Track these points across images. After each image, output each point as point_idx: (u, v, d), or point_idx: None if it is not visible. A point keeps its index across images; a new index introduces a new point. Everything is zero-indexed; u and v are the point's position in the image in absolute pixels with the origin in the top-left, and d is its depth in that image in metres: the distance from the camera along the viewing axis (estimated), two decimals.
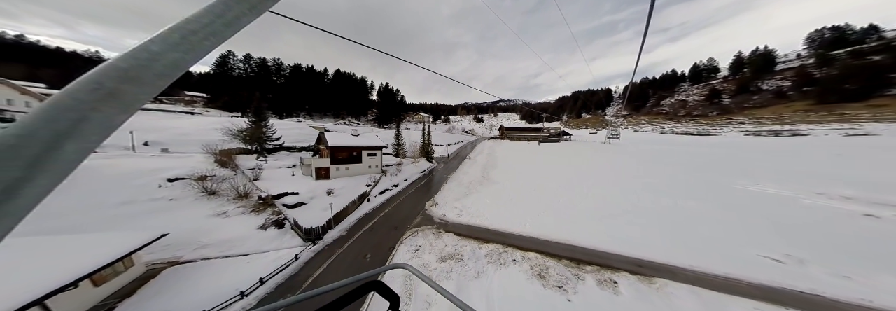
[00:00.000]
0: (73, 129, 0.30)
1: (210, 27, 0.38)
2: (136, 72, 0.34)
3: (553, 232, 16.72)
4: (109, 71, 0.33)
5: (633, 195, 23.34)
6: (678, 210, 19.76)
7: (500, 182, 29.98)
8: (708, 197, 22.33)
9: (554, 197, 23.78)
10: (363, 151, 28.46)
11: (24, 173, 0.28)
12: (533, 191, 26.06)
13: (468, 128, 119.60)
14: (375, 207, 22.11)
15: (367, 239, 15.90)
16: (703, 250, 14.01)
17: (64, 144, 0.29)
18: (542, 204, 22.11)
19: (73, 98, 0.31)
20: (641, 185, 26.18)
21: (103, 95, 0.32)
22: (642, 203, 21.34)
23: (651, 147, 56.14)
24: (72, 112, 0.30)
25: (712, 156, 41.86)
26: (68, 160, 0.30)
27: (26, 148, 0.28)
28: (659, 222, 17.82)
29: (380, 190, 25.48)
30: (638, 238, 15.53)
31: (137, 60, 0.34)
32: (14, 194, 0.27)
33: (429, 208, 22.52)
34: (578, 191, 25.30)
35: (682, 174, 30.24)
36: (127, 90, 0.33)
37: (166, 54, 0.35)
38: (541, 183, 28.77)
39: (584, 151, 51.83)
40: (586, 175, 31.27)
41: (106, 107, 0.32)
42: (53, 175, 0.30)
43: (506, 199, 24.06)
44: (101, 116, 0.31)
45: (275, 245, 12.83)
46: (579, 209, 20.57)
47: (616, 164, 37.70)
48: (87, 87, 0.32)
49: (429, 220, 19.85)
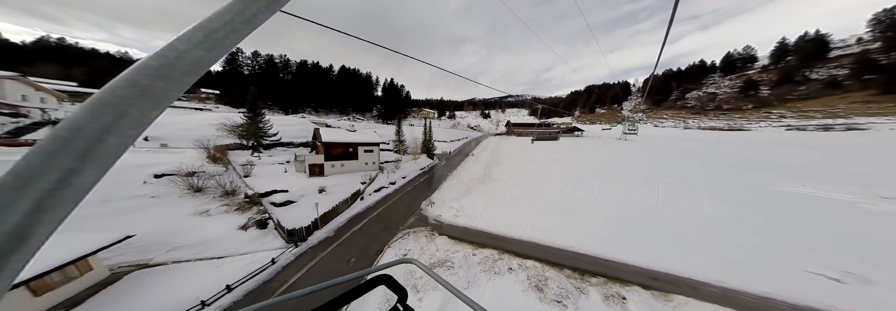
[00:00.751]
0: (114, 123, 0.33)
1: (230, 25, 0.40)
2: (165, 70, 0.36)
3: (556, 237, 15.40)
4: (143, 69, 0.36)
5: (651, 197, 21.37)
6: (706, 215, 17.72)
7: (502, 180, 28.64)
8: (744, 200, 19.88)
9: (560, 197, 22.28)
10: (359, 147, 27.69)
11: (75, 165, 0.31)
12: (537, 190, 24.61)
13: (474, 124, 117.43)
14: (369, 206, 21.34)
15: (355, 241, 15.10)
16: (734, 262, 12.27)
17: (107, 138, 0.32)
18: (547, 205, 20.70)
19: (113, 95, 0.34)
20: (663, 185, 24.04)
21: (138, 92, 0.35)
22: (663, 206, 19.43)
23: (674, 143, 52.39)
24: (113, 108, 0.33)
25: (748, 153, 38.08)
26: (111, 153, 0.33)
27: (77, 141, 0.31)
28: (682, 228, 16.02)
29: (375, 188, 24.71)
30: (655, 246, 13.97)
31: (166, 59, 0.37)
32: (68, 184, 0.30)
33: (424, 207, 21.56)
34: (588, 191, 23.65)
35: (712, 174, 27.39)
36: (158, 87, 0.36)
37: (191, 52, 0.38)
38: (547, 182, 27.21)
39: (596, 148, 49.22)
40: (598, 173, 29.32)
41: (141, 103, 0.35)
42: (100, 166, 0.33)
43: (507, 199, 22.78)
44: (137, 112, 0.34)
45: (254, 247, 12.19)
46: (588, 212, 19.03)
47: (633, 161, 35.13)
48: (124, 84, 0.35)
49: (423, 221, 18.90)
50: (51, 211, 0.30)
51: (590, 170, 31.29)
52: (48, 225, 0.30)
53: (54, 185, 0.30)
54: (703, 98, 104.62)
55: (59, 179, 0.30)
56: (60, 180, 0.30)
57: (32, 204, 0.29)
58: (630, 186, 24.42)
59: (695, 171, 28.80)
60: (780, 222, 16.08)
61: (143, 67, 0.36)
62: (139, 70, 0.36)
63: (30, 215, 0.29)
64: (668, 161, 34.18)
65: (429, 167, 37.20)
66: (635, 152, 42.58)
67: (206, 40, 0.38)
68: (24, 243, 0.29)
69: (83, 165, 0.31)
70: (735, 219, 16.92)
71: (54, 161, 0.30)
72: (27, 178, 0.29)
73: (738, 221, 16.72)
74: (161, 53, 0.37)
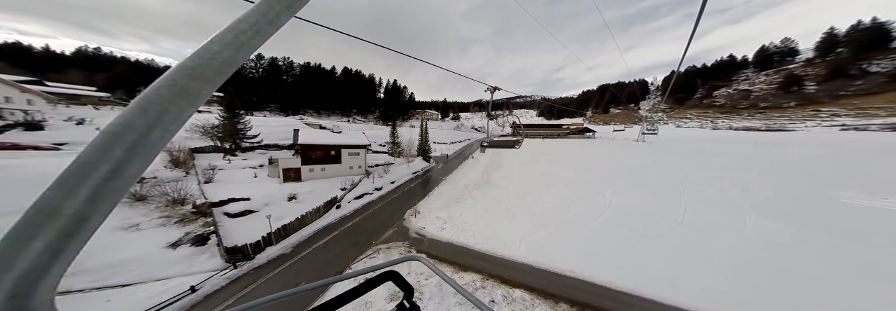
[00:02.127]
0: (158, 119, 0.37)
1: (256, 26, 0.44)
2: (199, 70, 0.40)
3: (555, 258, 12.86)
4: (181, 70, 0.40)
5: (676, 209, 18.35)
6: (748, 233, 14.60)
7: (500, 187, 26.17)
8: (800, 216, 16.34)
9: (564, 208, 19.63)
10: (343, 149, 25.82)
11: (125, 156, 0.35)
12: (539, 199, 22.02)
13: (478, 125, 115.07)
14: (344, 215, 19.26)
15: (313, 260, 12.97)
16: (794, 298, 9.49)
17: (152, 132, 0.37)
18: (548, 217, 18.11)
19: (156, 94, 0.38)
20: (690, 195, 20.86)
21: (177, 91, 0.39)
22: (690, 221, 16.43)
23: (702, 146, 47.56)
24: (156, 105, 0.38)
25: (795, 157, 33.23)
26: (154, 146, 0.38)
27: (127, 135, 0.36)
28: (716, 249, 13.14)
29: (357, 194, 22.66)
30: (681, 274, 11.25)
31: (201, 59, 0.41)
32: (119, 174, 0.35)
33: (408, 218, 19.32)
34: (598, 201, 20.86)
35: (751, 182, 23.64)
36: (193, 86, 0.39)
37: (222, 53, 0.41)
38: (551, 189, 24.55)
39: (610, 151, 45.77)
40: (611, 180, 26.31)
41: (179, 101, 0.39)
42: (145, 158, 0.37)
43: (503, 208, 20.30)
44: (176, 109, 0.38)
45: (179, 270, 10.23)
46: (596, 226, 16.33)
47: (653, 166, 31.65)
48: (166, 84, 0.39)
49: (402, 234, 16.66)
50: (104, 199, 0.35)
51: (601, 176, 28.34)
52: (102, 212, 0.35)
53: (107, 175, 0.35)
54: (734, 96, 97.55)
55: (111, 169, 0.35)
56: (112, 171, 0.35)
57: (90, 192, 0.34)
58: (649, 195, 21.34)
59: (730, 178, 25.13)
60: (859, 247, 12.73)
61: (182, 68, 0.40)
62: (178, 71, 0.40)
63: (88, 201, 0.33)
64: (696, 166, 30.40)
65: (423, 171, 35.04)
66: (656, 156, 38.75)
67: (234, 41, 0.42)
68: (84, 227, 0.34)
69: (131, 157, 0.36)
70: (793, 240, 13.76)
71: (108, 154, 0.35)
72: (87, 168, 0.34)
73: (795, 242, 13.57)
74: (197, 54, 0.41)
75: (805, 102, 79.01)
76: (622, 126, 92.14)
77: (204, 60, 0.41)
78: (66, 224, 0.33)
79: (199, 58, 0.41)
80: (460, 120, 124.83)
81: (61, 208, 0.33)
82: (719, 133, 75.67)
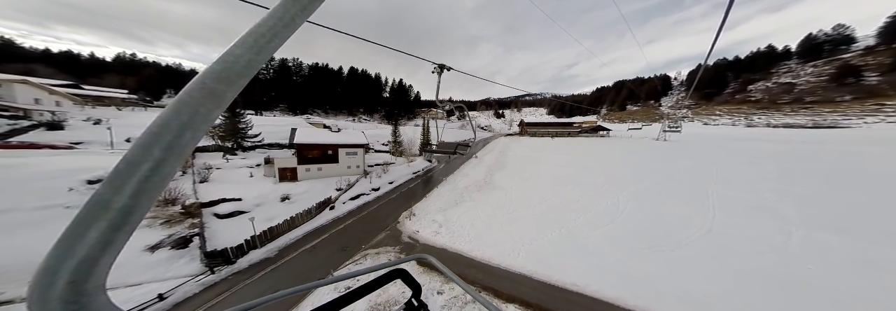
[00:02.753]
0: (190, 120, 0.40)
1: (274, 29, 0.46)
2: (225, 73, 0.43)
3: (557, 268, 11.71)
4: (209, 73, 0.43)
5: (701, 216, 16.51)
6: (793, 250, 12.50)
7: (503, 188, 25.00)
8: (864, 228, 13.81)
9: (571, 212, 18.27)
10: (340, 149, 25.43)
11: (163, 155, 0.38)
12: (543, 202, 20.73)
13: (484, 124, 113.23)
14: (338, 217, 18.77)
15: (296, 265, 12.45)
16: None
17: (185, 133, 0.40)
18: (552, 222, 16.86)
19: (189, 96, 0.41)
20: (719, 201, 18.76)
21: (206, 93, 0.42)
22: (718, 231, 14.68)
23: (735, 145, 43.20)
24: (188, 107, 0.41)
25: (855, 157, 28.85)
26: (187, 145, 0.41)
27: (164, 135, 0.39)
28: (752, 265, 11.47)
29: (353, 195, 22.18)
30: (704, 293, 9.89)
31: (226, 63, 0.43)
32: (158, 172, 0.38)
33: (402, 220, 18.59)
34: (609, 205, 19.33)
35: (798, 187, 20.49)
36: (219, 88, 0.42)
37: (244, 56, 0.44)
38: (557, 191, 23.15)
39: (626, 150, 43.09)
40: (625, 182, 24.43)
41: (208, 102, 0.42)
42: (179, 157, 0.40)
43: (504, 212, 19.19)
44: (205, 110, 0.41)
45: (153, 275, 9.91)
46: (606, 234, 14.94)
47: (675, 167, 29.16)
48: (196, 86, 0.42)
49: (394, 238, 15.95)
50: (146, 195, 0.38)
51: (615, 177, 26.47)
52: (144, 206, 0.38)
53: (148, 173, 0.38)
54: (773, 90, 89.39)
55: (151, 168, 0.38)
56: (153, 169, 0.38)
57: (135, 188, 0.37)
58: (670, 200, 19.48)
59: (770, 182, 22.32)
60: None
61: (210, 71, 0.43)
62: (206, 74, 0.43)
63: (133, 197, 0.37)
64: (728, 168, 27.48)
65: (424, 171, 34.30)
66: (679, 156, 35.75)
67: (255, 44, 0.45)
68: (129, 220, 0.37)
69: (168, 155, 0.39)
70: (853, 257, 11.60)
71: (149, 152, 0.38)
72: (131, 167, 0.37)
73: (857, 260, 11.41)
74: (223, 58, 0.44)
75: (864, 95, 70.18)
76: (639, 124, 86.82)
77: (228, 64, 0.43)
78: (114, 217, 0.36)
79: (224, 62, 0.44)
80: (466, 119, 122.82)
81: (111, 202, 0.36)
82: (755, 131, 68.88)
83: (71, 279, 0.33)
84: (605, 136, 69.20)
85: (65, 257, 0.34)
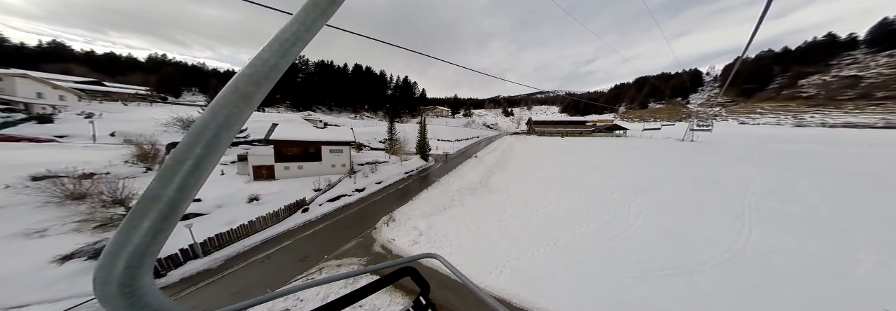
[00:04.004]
0: (225, 121, 0.44)
1: (296, 33, 0.49)
2: (255, 76, 0.46)
3: (543, 292, 9.60)
4: (241, 77, 0.46)
5: (729, 232, 13.82)
6: (862, 278, 9.90)
7: (499, 192, 22.82)
8: None
9: (571, 222, 15.98)
10: (323, 146, 23.90)
11: (203, 152, 0.42)
12: (541, 208, 18.49)
13: (491, 122, 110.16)
14: (309, 221, 17.18)
15: (239, 279, 10.84)
16: None
17: (221, 132, 0.43)
18: (547, 233, 14.65)
19: (224, 98, 0.45)
20: (756, 213, 15.74)
21: (239, 96, 0.45)
22: (753, 251, 12.02)
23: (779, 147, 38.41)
24: (224, 108, 0.44)
25: None
26: (223, 144, 0.44)
27: (205, 134, 0.42)
28: (800, 298, 8.95)
29: (333, 196, 20.58)
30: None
31: (256, 67, 0.47)
32: (199, 167, 0.42)
33: (380, 226, 16.82)
34: (618, 215, 16.87)
35: (868, 200, 17.07)
36: (250, 91, 0.46)
37: (270, 60, 0.47)
38: (559, 197, 20.80)
39: (645, 152, 39.47)
40: (639, 188, 21.59)
41: (240, 104, 0.45)
42: (217, 154, 0.44)
43: (496, 219, 17.09)
44: (237, 111, 0.45)
45: (51, 293, 8.40)
46: (609, 249, 12.63)
47: (701, 173, 25.69)
48: (230, 89, 0.45)
49: (365, 247, 14.17)
50: (189, 189, 0.41)
51: (628, 182, 23.72)
52: (188, 199, 0.42)
53: (191, 168, 0.41)
54: (832, 84, 79.92)
55: (194, 164, 0.41)
56: (195, 165, 0.41)
57: (180, 182, 0.40)
58: (693, 211, 16.73)
59: (827, 193, 18.60)
60: None
61: (241, 75, 0.46)
62: (239, 78, 0.46)
63: (178, 191, 0.40)
64: (771, 175, 23.59)
65: (417, 171, 32.47)
66: (707, 159, 31.68)
67: (280, 48, 0.48)
68: (175, 212, 0.41)
69: (208, 153, 0.42)
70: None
71: (192, 150, 0.42)
72: (177, 163, 0.41)
73: None
74: (252, 62, 0.47)
75: None
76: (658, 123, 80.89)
77: (257, 68, 0.46)
78: (163, 209, 0.39)
79: (254, 65, 0.47)
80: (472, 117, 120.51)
81: (161, 195, 0.40)
82: (806, 131, 59.51)
83: (127, 264, 0.37)
84: (622, 135, 65.08)
85: (124, 244, 0.38)
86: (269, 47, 0.48)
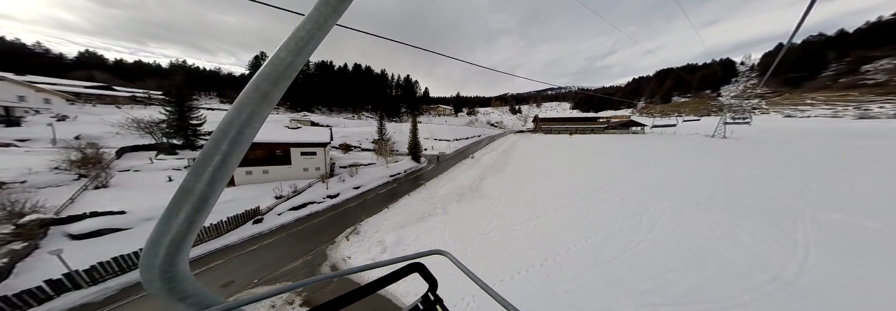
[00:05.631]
0: (248, 118, 0.47)
1: (310, 32, 0.51)
2: (273, 75, 0.49)
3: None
4: (262, 75, 0.49)
5: (776, 255, 10.65)
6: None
7: (490, 198, 20.18)
8: None
9: (568, 235, 13.20)
10: (292, 148, 21.84)
11: (229, 149, 0.45)
12: (535, 218, 15.80)
13: (496, 120, 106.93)
14: (260, 233, 15.03)
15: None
16: None
17: (245, 129, 0.46)
18: (537, 249, 12.01)
19: (246, 97, 0.47)
20: (814, 231, 12.49)
21: (259, 94, 0.48)
22: (811, 282, 8.97)
23: (843, 143, 31.58)
24: (246, 107, 0.47)
25: None
26: (246, 141, 0.47)
27: (230, 131, 0.46)
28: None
29: (299, 203, 18.43)
30: None
31: (274, 65, 0.49)
32: (226, 163, 0.45)
33: (340, 240, 14.50)
34: (625, 227, 13.96)
35: None
36: (269, 89, 0.48)
37: (286, 58, 0.49)
38: (558, 203, 18.01)
39: (665, 150, 34.95)
40: (652, 196, 18.21)
41: (261, 102, 0.48)
42: (241, 151, 0.47)
43: (479, 232, 14.52)
44: (258, 109, 0.47)
45: None
46: (610, 272, 9.81)
47: (735, 176, 21.58)
48: (251, 88, 0.48)
49: (311, 268, 11.92)
50: (218, 183, 0.45)
51: (639, 188, 20.36)
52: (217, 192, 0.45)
53: (219, 164, 0.45)
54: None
55: (221, 159, 0.45)
56: (222, 161, 0.45)
57: (210, 177, 0.44)
58: (722, 224, 13.43)
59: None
60: None
61: (261, 73, 0.49)
62: (259, 76, 0.48)
63: (208, 184, 0.44)
64: (832, 179, 18.97)
65: (405, 173, 30.11)
66: (744, 159, 26.60)
67: (295, 47, 0.50)
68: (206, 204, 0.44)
69: (233, 149, 0.46)
70: None
71: (219, 146, 0.45)
72: (207, 158, 0.44)
73: None
74: (270, 61, 0.49)
75: None
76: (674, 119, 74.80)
77: (274, 66, 0.49)
78: (196, 201, 0.43)
79: (272, 64, 0.49)
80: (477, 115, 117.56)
81: (194, 188, 0.43)
82: (874, 124, 50.50)
83: (167, 251, 0.41)
84: (639, 132, 60.41)
85: (164, 233, 0.41)
86: (286, 46, 0.49)
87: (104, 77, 72.56)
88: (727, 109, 54.92)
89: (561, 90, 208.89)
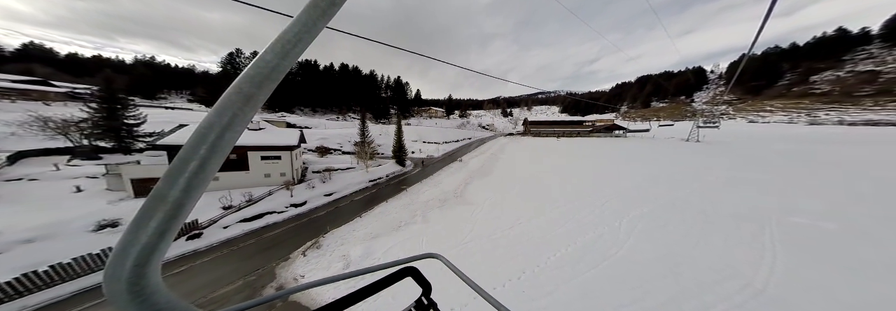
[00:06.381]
0: (229, 122, 0.44)
1: (298, 34, 0.50)
2: (258, 77, 0.46)
3: None
4: (245, 78, 0.46)
5: (750, 257, 10.41)
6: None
7: (474, 203, 18.66)
8: None
9: (548, 243, 12.25)
10: (249, 152, 19.40)
11: (208, 154, 0.42)
12: (517, 225, 14.55)
13: (486, 123, 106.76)
14: (196, 251, 12.55)
15: None
16: None
17: (225, 133, 0.43)
18: (517, 259, 11.05)
19: (228, 99, 0.45)
20: (779, 234, 12.23)
21: (242, 97, 0.45)
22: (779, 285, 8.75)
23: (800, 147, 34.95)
24: (228, 110, 0.44)
25: None
26: (227, 145, 0.44)
27: (209, 135, 0.42)
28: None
29: (254, 214, 15.98)
30: None
31: (258, 68, 0.47)
32: (204, 169, 0.42)
33: (296, 256, 12.31)
34: (605, 233, 13.09)
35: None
36: (253, 92, 0.46)
37: (272, 61, 0.47)
38: (542, 208, 16.91)
39: (644, 154, 36.20)
40: (631, 200, 17.81)
41: (244, 106, 0.45)
42: (221, 155, 0.44)
43: (457, 241, 13.09)
44: (241, 113, 0.45)
45: None
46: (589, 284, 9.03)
47: (709, 178, 22.28)
48: (234, 91, 0.45)
49: (250, 293, 9.73)
50: (194, 190, 0.41)
51: (623, 191, 20.09)
52: (193, 199, 0.42)
53: (196, 169, 0.41)
54: (847, 80, 78.06)
55: (199, 165, 0.41)
56: (200, 166, 0.41)
57: (186, 183, 0.40)
58: (695, 229, 13.15)
59: (870, 205, 15.00)
60: None
61: (245, 76, 0.46)
62: (243, 79, 0.46)
63: (184, 191, 0.40)
64: (795, 181, 20.17)
65: (387, 178, 28.06)
66: (716, 163, 28.36)
67: (282, 50, 0.48)
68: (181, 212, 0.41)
69: (212, 154, 0.42)
70: None
71: (196, 151, 0.42)
72: (183, 163, 0.41)
73: None
74: (255, 63, 0.47)
75: None
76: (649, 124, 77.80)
77: (259, 69, 0.46)
78: (170, 209, 0.39)
79: (257, 66, 0.47)
80: (468, 118, 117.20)
81: (167, 196, 0.40)
82: (823, 130, 58.03)
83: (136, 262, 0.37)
84: (621, 136, 62.15)
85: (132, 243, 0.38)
86: (271, 49, 0.48)
87: (45, 71, 65.98)
88: (700, 114, 58.10)
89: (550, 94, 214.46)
